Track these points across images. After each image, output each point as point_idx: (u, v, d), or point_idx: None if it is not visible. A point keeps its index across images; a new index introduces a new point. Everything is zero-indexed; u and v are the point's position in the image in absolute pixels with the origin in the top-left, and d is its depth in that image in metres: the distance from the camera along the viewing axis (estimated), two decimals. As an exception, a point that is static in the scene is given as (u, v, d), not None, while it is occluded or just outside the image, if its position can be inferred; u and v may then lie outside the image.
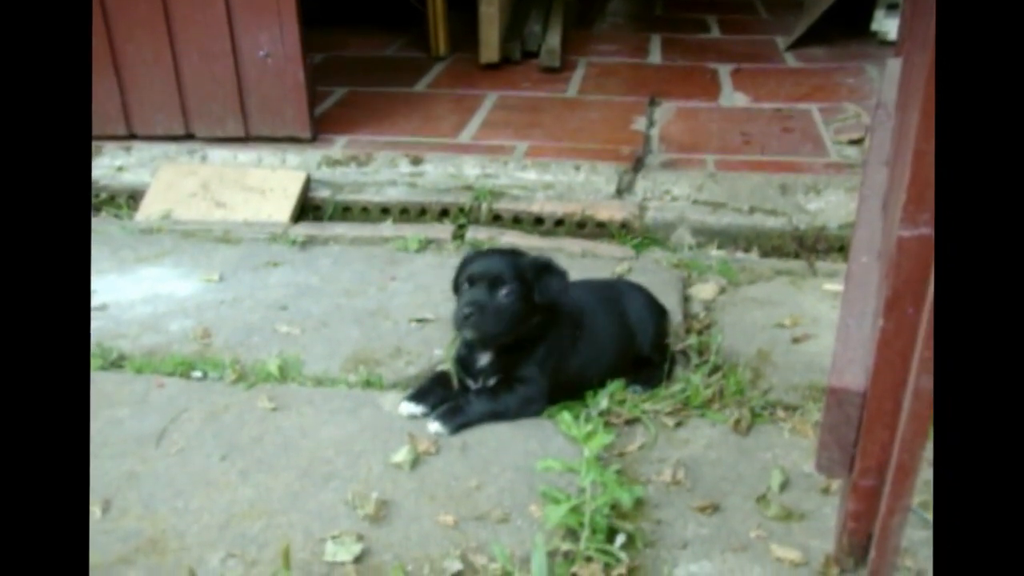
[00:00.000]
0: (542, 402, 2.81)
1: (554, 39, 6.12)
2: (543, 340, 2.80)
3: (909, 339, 1.65)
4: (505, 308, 2.70)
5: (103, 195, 4.59)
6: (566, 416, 2.41)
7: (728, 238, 4.06)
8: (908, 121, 1.87)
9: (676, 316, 3.26)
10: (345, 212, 4.42)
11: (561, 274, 2.80)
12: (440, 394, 2.84)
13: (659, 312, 3.08)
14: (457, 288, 2.82)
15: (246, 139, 4.71)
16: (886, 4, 6.24)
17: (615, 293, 3.07)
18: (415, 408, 2.80)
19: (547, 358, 2.80)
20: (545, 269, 2.77)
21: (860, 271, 2.20)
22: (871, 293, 2.07)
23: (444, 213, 4.31)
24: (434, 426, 2.72)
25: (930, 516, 2.31)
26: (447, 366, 2.93)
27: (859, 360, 1.88)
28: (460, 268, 2.83)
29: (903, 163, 1.69)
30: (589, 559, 2.21)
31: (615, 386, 2.87)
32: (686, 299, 3.49)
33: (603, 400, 2.81)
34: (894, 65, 3.45)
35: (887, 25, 6.16)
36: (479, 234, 4.04)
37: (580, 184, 4.33)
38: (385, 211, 4.37)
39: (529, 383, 2.78)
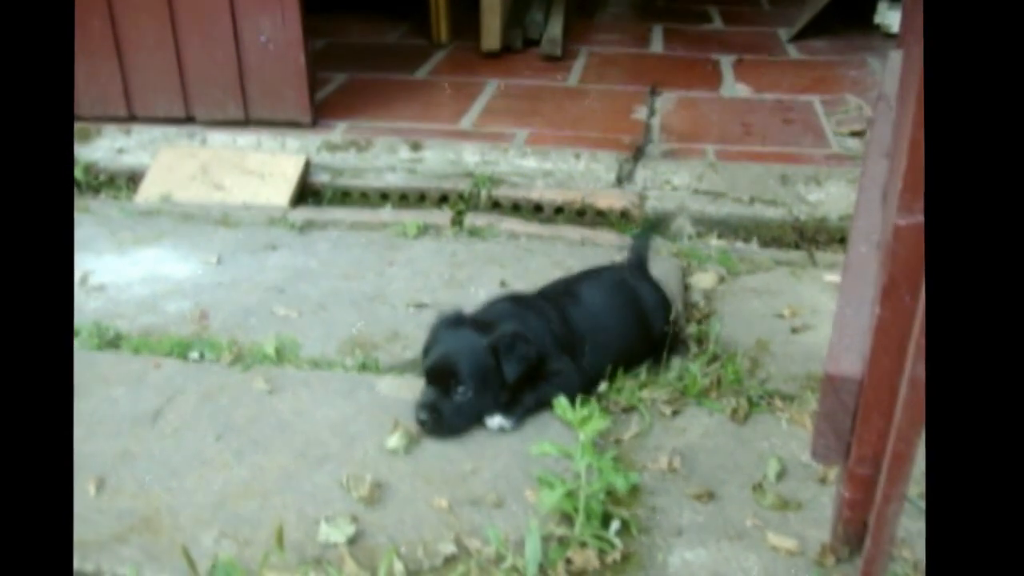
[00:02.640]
0: (578, 387, 2.76)
1: (556, 28, 6.11)
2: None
3: (905, 327, 1.65)
4: (465, 404, 2.64)
5: (102, 177, 4.58)
6: (562, 400, 2.40)
7: (728, 228, 4.05)
8: (906, 111, 1.86)
9: (675, 305, 3.25)
10: (344, 197, 4.41)
11: (527, 340, 2.67)
12: None
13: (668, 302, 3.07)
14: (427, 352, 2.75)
15: (246, 123, 4.70)
16: (889, -4, 6.24)
17: (628, 288, 3.03)
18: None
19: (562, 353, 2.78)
20: (510, 346, 2.64)
21: (858, 260, 2.19)
22: (869, 282, 2.07)
23: (443, 199, 4.31)
24: (496, 420, 2.67)
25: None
26: None
27: (856, 348, 1.88)
28: (431, 336, 2.77)
29: (901, 153, 1.69)
30: (584, 544, 2.21)
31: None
32: (685, 288, 3.48)
33: (600, 385, 2.81)
34: (896, 57, 3.44)
35: (890, 18, 6.13)
36: (478, 220, 4.03)
37: (580, 172, 4.32)
38: (384, 197, 4.37)
39: (563, 374, 2.75)
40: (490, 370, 2.63)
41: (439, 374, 2.65)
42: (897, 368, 1.69)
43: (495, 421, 2.67)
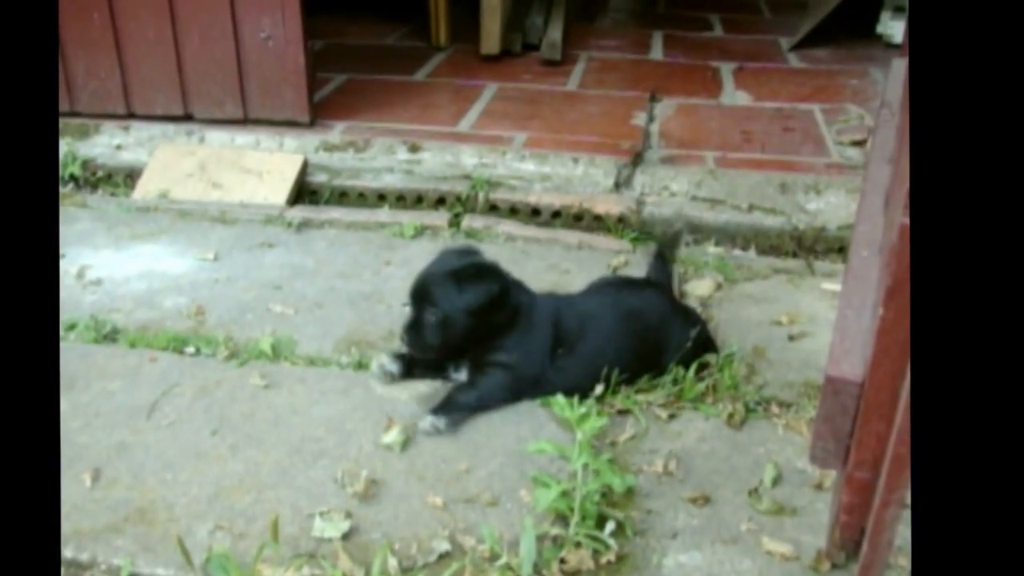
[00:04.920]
0: (524, 394, 2.80)
1: (556, 32, 6.10)
2: (512, 330, 2.81)
3: (909, 328, 1.64)
4: (436, 325, 2.72)
5: (100, 173, 4.58)
6: (560, 399, 2.40)
7: (726, 235, 4.05)
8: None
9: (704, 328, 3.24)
10: (342, 197, 4.40)
11: (497, 278, 2.81)
12: (421, 363, 2.88)
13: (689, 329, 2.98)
14: None
15: (244, 121, 4.70)
16: (892, 6, 6.22)
17: (640, 309, 2.97)
18: (391, 365, 2.87)
19: (521, 346, 2.80)
20: (476, 275, 2.77)
21: (860, 265, 2.19)
22: (871, 286, 2.07)
23: (441, 201, 4.30)
24: (428, 420, 2.67)
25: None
26: None
27: (857, 351, 1.87)
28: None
29: (906, 158, 1.69)
30: (578, 545, 2.21)
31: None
32: (682, 295, 3.47)
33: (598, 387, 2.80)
34: (899, 65, 3.44)
35: (893, 28, 6.14)
36: (475, 223, 4.03)
37: (578, 177, 4.32)
38: (382, 197, 4.36)
39: (506, 369, 2.78)
40: (459, 293, 2.74)
41: (416, 295, 2.76)
42: (899, 370, 1.68)
43: (426, 422, 2.67)
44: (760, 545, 2.27)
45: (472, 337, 2.77)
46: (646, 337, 2.91)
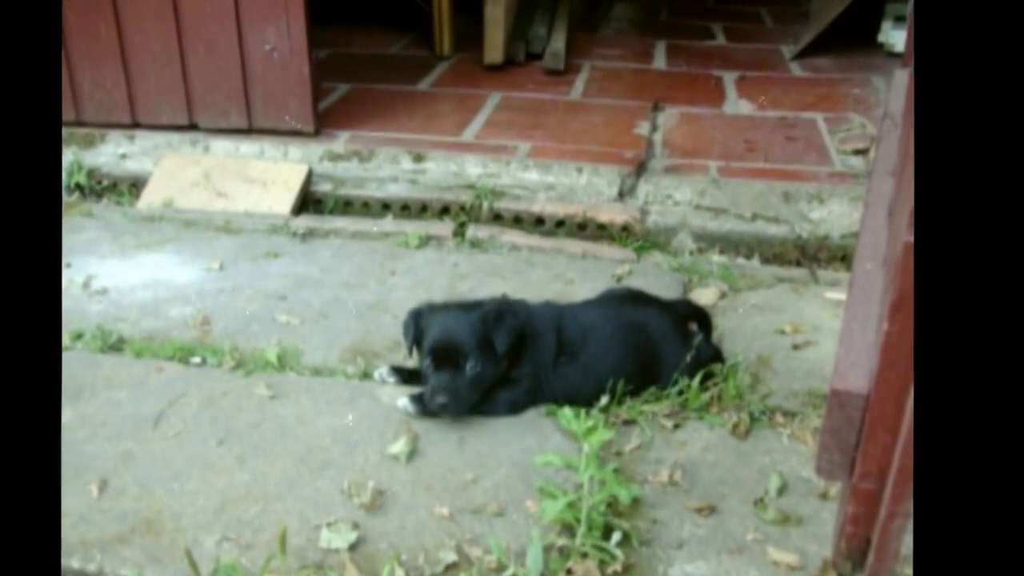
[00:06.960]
0: (524, 406, 2.82)
1: (559, 42, 6.12)
2: (525, 347, 2.82)
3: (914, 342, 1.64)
4: (477, 377, 2.71)
5: (105, 182, 4.60)
6: (567, 411, 2.41)
7: (729, 244, 4.06)
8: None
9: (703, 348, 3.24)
10: (346, 207, 4.42)
11: (514, 313, 2.80)
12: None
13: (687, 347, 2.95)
14: (415, 344, 2.82)
15: (249, 131, 4.71)
16: (893, 16, 6.24)
17: (642, 323, 2.96)
18: (388, 377, 2.94)
19: (526, 361, 2.81)
20: (498, 317, 2.75)
21: (864, 277, 2.20)
22: (875, 299, 2.07)
23: (445, 211, 4.31)
24: (402, 402, 2.77)
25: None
26: None
27: (862, 363, 1.88)
28: (414, 326, 2.82)
29: (910, 171, 1.69)
30: (585, 555, 2.21)
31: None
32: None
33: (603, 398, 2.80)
34: (901, 76, 3.45)
35: (894, 37, 6.15)
36: (480, 232, 4.03)
37: (582, 186, 4.33)
38: (386, 207, 4.37)
39: (516, 385, 2.80)
40: (489, 341, 2.72)
41: (446, 354, 2.71)
42: (904, 384, 1.68)
43: (402, 401, 2.78)
44: (766, 555, 2.27)
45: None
46: (644, 351, 2.91)
